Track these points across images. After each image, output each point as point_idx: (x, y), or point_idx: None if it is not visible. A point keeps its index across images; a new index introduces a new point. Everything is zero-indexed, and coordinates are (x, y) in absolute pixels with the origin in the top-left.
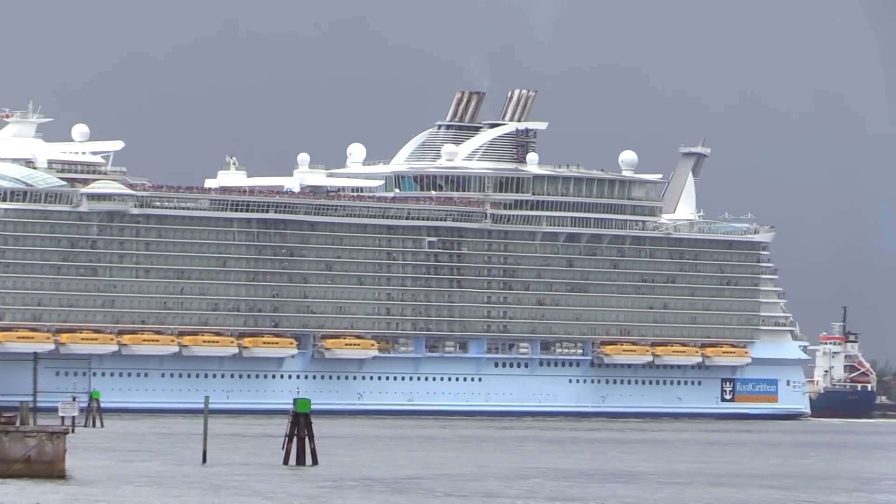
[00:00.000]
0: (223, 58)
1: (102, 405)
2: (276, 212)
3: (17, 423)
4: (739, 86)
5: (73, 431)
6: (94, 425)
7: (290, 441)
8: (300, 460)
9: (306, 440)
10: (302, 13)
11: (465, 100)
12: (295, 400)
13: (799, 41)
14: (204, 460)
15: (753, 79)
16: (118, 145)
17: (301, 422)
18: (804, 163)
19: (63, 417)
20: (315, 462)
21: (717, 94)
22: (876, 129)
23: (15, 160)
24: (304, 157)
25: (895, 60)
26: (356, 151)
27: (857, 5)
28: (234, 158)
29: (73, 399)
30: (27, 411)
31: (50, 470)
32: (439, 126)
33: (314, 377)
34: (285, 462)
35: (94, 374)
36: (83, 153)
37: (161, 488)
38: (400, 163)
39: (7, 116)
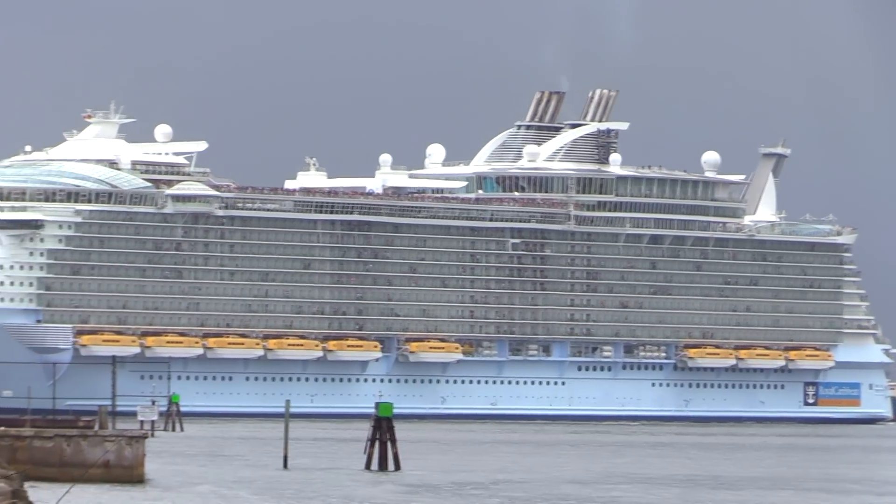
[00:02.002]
0: (303, 58)
1: (187, 409)
2: (360, 213)
3: (96, 427)
4: (820, 86)
5: (152, 436)
6: (173, 429)
7: (372, 445)
8: (382, 465)
9: (388, 444)
10: (383, 10)
11: (544, 100)
12: (377, 404)
13: (880, 42)
14: (285, 465)
15: (833, 80)
16: (201, 146)
17: (383, 426)
18: (886, 163)
19: (142, 421)
20: (397, 467)
21: (797, 93)
22: None
23: (98, 161)
24: (385, 158)
25: None
26: (435, 152)
27: None
28: (314, 159)
29: (153, 403)
30: (105, 415)
31: (129, 474)
32: (519, 126)
33: (398, 381)
34: (367, 467)
35: (179, 378)
36: (166, 154)
37: (240, 493)
38: (480, 163)
39: (89, 117)
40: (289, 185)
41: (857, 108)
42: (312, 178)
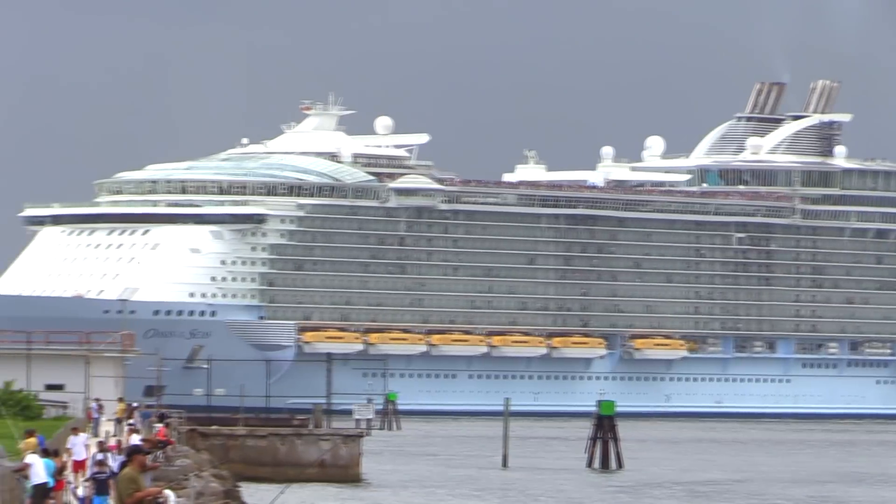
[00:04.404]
0: (522, 47)
1: (410, 407)
2: (584, 207)
3: (311, 426)
4: None
5: (368, 434)
6: (390, 428)
7: (593, 444)
8: (605, 464)
9: (610, 443)
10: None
11: (764, 91)
12: (599, 402)
13: None
14: (504, 464)
15: None
16: (423, 138)
17: (605, 424)
18: None
19: (358, 420)
20: (620, 465)
21: None
22: None
23: (319, 154)
24: (607, 151)
25: None
26: (654, 144)
27: None
28: (533, 152)
29: (369, 401)
30: (320, 414)
31: (344, 474)
32: (739, 118)
33: (622, 378)
34: (589, 465)
35: (402, 376)
36: (387, 147)
37: (458, 493)
38: (701, 156)
39: (308, 109)
40: (507, 178)
41: None
42: (531, 172)
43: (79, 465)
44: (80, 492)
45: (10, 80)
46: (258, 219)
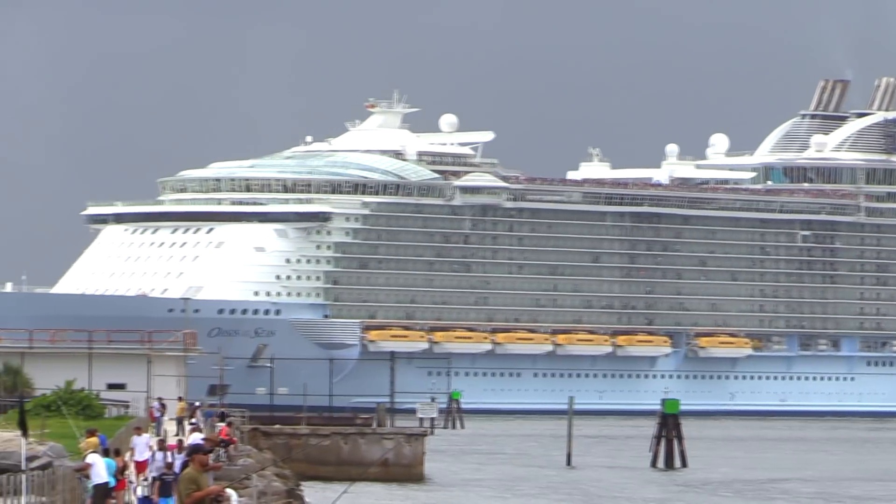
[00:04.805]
0: (587, 47)
1: (474, 406)
2: (649, 205)
3: (374, 425)
4: None
5: (431, 433)
6: (454, 427)
7: (658, 443)
8: (669, 462)
9: (675, 442)
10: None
11: (828, 89)
12: (663, 401)
13: None
14: (568, 462)
15: None
16: (488, 136)
17: (669, 423)
18: None
19: (421, 419)
20: (685, 464)
21: None
22: None
23: (383, 152)
24: (672, 149)
25: None
26: (718, 142)
27: None
28: (597, 150)
29: (432, 400)
30: (384, 413)
31: (408, 473)
32: (803, 115)
33: (686, 377)
34: (653, 464)
35: (466, 374)
36: (451, 144)
37: (522, 492)
38: (765, 153)
39: (372, 107)
40: (571, 175)
41: None
42: (596, 169)
43: (141, 466)
44: (140, 492)
45: (72, 77)
46: (323, 217)
